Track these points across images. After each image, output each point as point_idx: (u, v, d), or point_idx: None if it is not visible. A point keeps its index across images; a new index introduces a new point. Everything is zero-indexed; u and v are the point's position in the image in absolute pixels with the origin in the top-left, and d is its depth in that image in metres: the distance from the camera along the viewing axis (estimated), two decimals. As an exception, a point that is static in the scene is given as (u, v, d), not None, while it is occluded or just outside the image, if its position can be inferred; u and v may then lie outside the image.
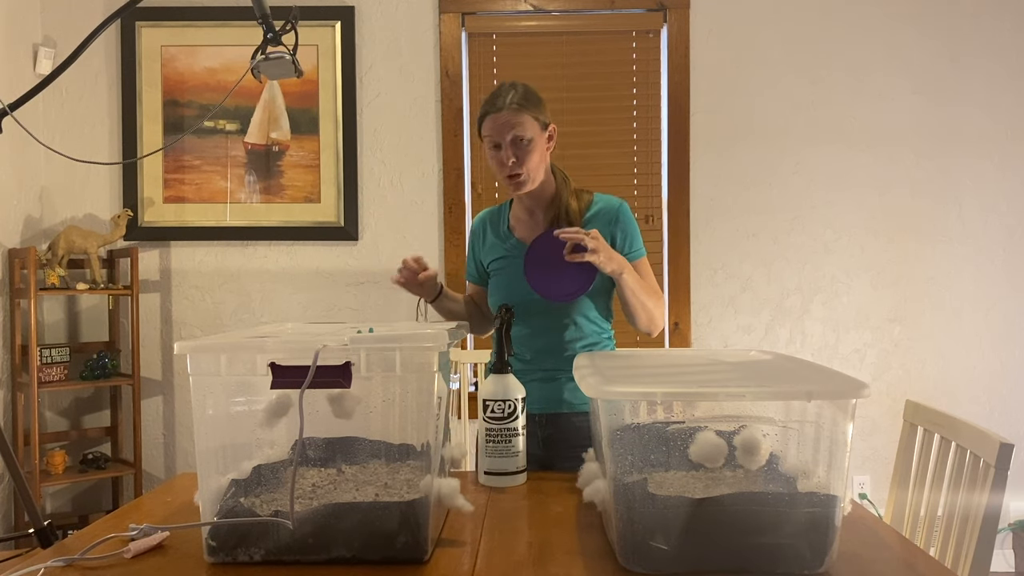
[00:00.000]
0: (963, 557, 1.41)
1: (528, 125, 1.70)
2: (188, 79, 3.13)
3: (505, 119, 1.68)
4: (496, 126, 1.69)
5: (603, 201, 1.82)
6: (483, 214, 1.94)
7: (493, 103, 1.71)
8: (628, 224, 1.80)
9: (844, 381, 1.04)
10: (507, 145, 1.69)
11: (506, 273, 1.81)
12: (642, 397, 1.05)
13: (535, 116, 1.71)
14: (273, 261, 3.15)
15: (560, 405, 1.76)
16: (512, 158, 1.69)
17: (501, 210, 1.90)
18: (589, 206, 1.81)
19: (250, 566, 1.07)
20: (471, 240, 1.94)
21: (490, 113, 1.71)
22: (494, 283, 1.84)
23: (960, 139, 3.12)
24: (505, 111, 1.69)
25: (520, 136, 1.69)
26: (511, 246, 1.82)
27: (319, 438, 1.22)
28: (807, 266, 3.14)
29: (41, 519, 1.22)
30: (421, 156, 3.15)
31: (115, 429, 3.12)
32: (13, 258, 2.85)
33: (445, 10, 3.12)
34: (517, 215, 1.86)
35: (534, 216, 1.83)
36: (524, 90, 1.72)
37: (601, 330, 1.81)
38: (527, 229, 1.82)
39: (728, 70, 3.14)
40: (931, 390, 3.11)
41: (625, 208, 1.81)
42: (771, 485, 1.11)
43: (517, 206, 1.86)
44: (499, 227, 1.87)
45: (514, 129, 1.68)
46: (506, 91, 1.71)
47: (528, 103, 1.71)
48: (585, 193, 1.82)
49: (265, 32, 1.46)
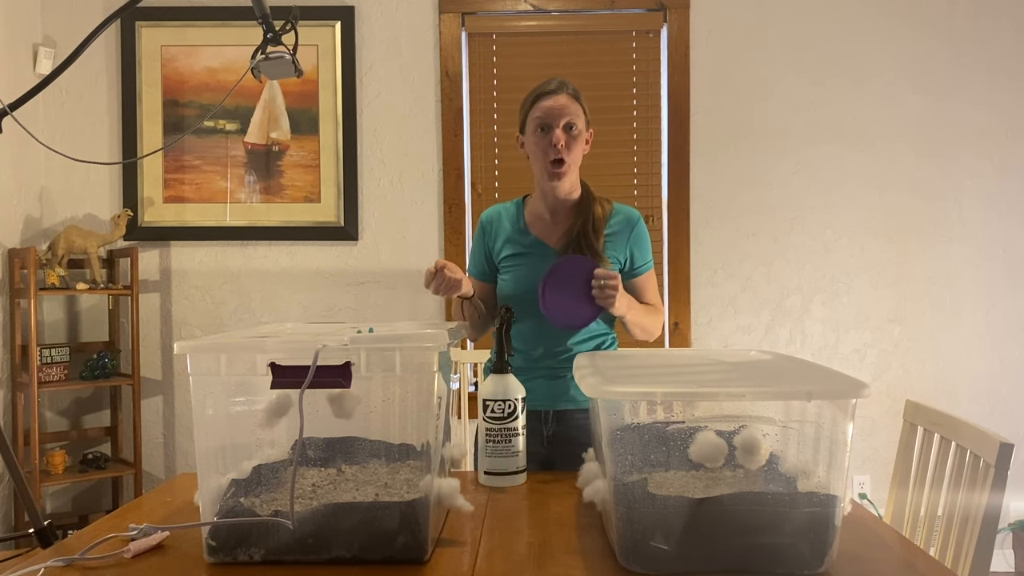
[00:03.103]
0: (963, 557, 1.41)
1: (581, 116, 1.73)
2: (188, 79, 3.13)
3: (563, 103, 1.70)
4: (551, 108, 1.70)
5: (623, 213, 1.84)
6: (497, 208, 1.91)
7: (547, 86, 1.73)
8: (644, 239, 1.83)
9: (844, 381, 1.04)
10: (559, 128, 1.69)
11: (522, 269, 1.79)
12: (642, 397, 1.05)
13: (585, 112, 1.75)
14: (273, 261, 3.15)
15: (566, 402, 1.77)
16: (563, 141, 1.69)
17: (516, 206, 1.88)
18: (611, 215, 1.82)
19: (250, 566, 1.07)
20: (481, 233, 1.89)
21: (547, 94, 1.72)
22: (509, 277, 1.82)
23: (960, 139, 3.12)
24: (563, 95, 1.71)
25: (572, 123, 1.70)
26: (530, 243, 1.81)
27: (319, 438, 1.22)
28: (807, 266, 3.14)
29: (41, 519, 1.22)
30: (421, 156, 3.15)
31: (115, 429, 3.12)
32: (13, 258, 2.85)
33: (445, 10, 3.12)
34: (536, 213, 1.84)
35: (556, 217, 1.81)
36: (575, 86, 1.76)
37: (607, 329, 1.84)
38: (546, 229, 1.81)
39: (728, 70, 3.14)
40: (931, 390, 3.11)
41: (642, 223, 1.84)
42: (771, 485, 1.11)
43: (536, 204, 1.84)
44: (516, 222, 1.84)
45: (569, 115, 1.70)
46: (559, 81, 1.74)
47: (580, 97, 1.75)
48: (606, 202, 1.83)
49: (265, 32, 1.46)
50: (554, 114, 1.69)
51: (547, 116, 1.70)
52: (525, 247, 1.81)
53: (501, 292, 1.83)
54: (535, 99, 1.73)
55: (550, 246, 1.79)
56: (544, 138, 1.71)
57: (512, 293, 1.79)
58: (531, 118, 1.73)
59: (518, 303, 1.74)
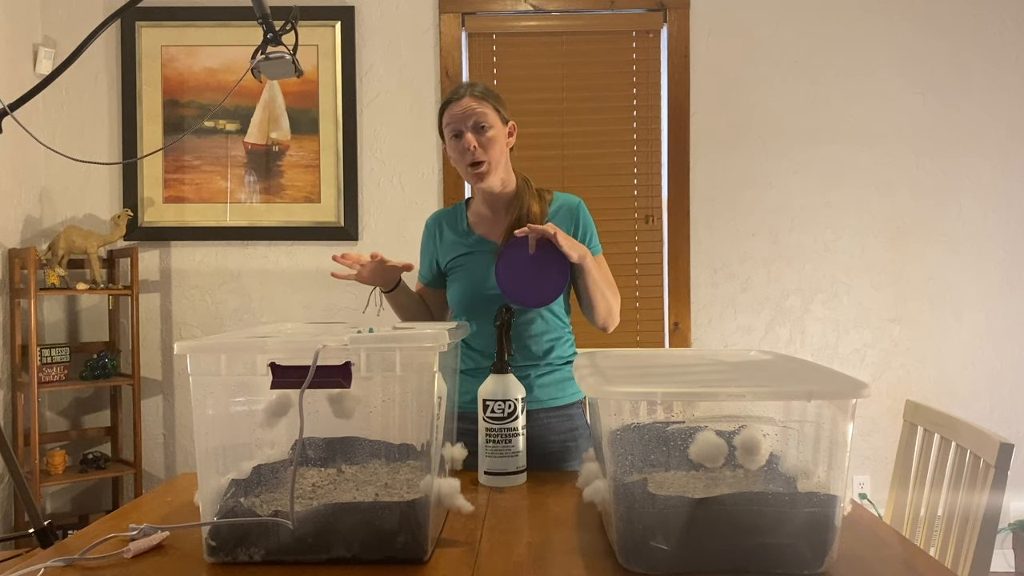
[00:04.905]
0: (963, 557, 1.41)
1: (490, 115, 1.72)
2: (188, 79, 3.13)
3: (467, 105, 1.71)
4: (458, 113, 1.71)
5: (562, 199, 1.84)
6: (437, 214, 1.92)
7: (455, 93, 1.75)
8: (587, 220, 1.83)
9: (844, 381, 1.04)
10: (469, 131, 1.71)
11: (469, 269, 1.79)
12: (642, 397, 1.05)
13: (496, 108, 1.74)
14: (273, 261, 3.15)
15: (531, 402, 1.73)
16: (474, 144, 1.70)
17: (457, 209, 1.88)
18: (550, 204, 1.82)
19: (250, 566, 1.07)
20: (425, 240, 1.90)
21: (452, 101, 1.73)
22: (457, 279, 1.81)
23: (960, 139, 3.12)
24: (467, 98, 1.72)
25: (482, 123, 1.71)
26: (473, 242, 1.80)
27: (319, 438, 1.22)
28: (807, 266, 3.14)
29: (41, 519, 1.22)
30: (421, 156, 3.15)
31: (115, 429, 3.12)
32: (13, 258, 2.85)
33: (445, 10, 3.12)
34: (477, 212, 1.84)
35: (496, 214, 1.81)
36: (484, 85, 1.77)
37: (564, 324, 1.82)
38: (488, 227, 1.81)
39: (728, 70, 3.14)
40: (931, 390, 3.11)
41: (583, 205, 1.84)
42: (771, 485, 1.11)
43: (477, 204, 1.84)
44: (457, 225, 1.85)
45: (475, 116, 1.71)
46: (466, 85, 1.76)
47: (489, 95, 1.75)
48: (546, 192, 1.83)
49: (265, 32, 1.46)
50: (462, 119, 1.71)
51: (455, 121, 1.72)
52: (469, 247, 1.80)
53: (452, 297, 1.83)
54: (443, 107, 1.75)
55: (493, 242, 1.78)
56: (458, 144, 1.72)
57: (463, 293, 1.78)
58: (444, 127, 1.75)
59: (470, 304, 1.76)
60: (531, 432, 1.69)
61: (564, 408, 1.79)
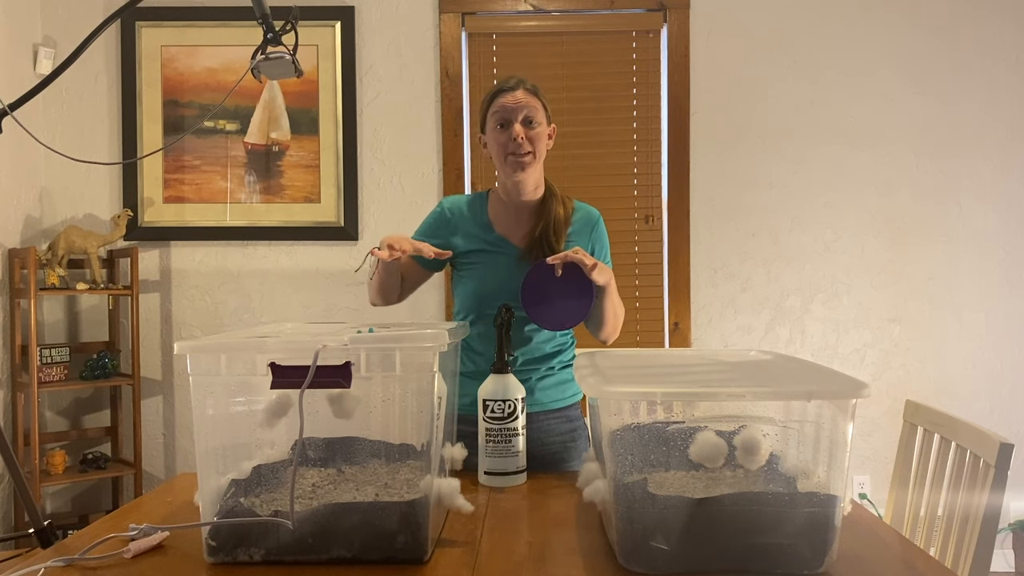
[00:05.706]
0: (963, 557, 1.41)
1: (539, 111, 1.72)
2: (188, 79, 3.13)
3: (520, 98, 1.70)
4: (509, 104, 1.69)
5: (583, 210, 1.83)
6: (459, 198, 1.86)
7: (506, 83, 1.72)
8: (604, 236, 1.83)
9: (844, 381, 1.04)
10: (518, 123, 1.69)
11: (485, 267, 1.76)
12: (642, 397, 1.05)
13: (544, 106, 1.74)
14: (273, 261, 3.15)
15: (531, 405, 1.73)
16: (523, 135, 1.69)
17: (479, 199, 1.84)
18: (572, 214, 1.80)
19: (250, 566, 1.07)
20: (438, 218, 1.82)
21: (504, 91, 1.71)
22: (470, 276, 1.78)
23: (960, 139, 3.12)
24: (520, 91, 1.71)
25: (531, 118, 1.70)
26: (493, 240, 1.77)
27: (319, 438, 1.22)
28: (807, 266, 3.14)
29: (41, 519, 1.22)
30: (421, 156, 3.15)
31: (115, 429, 3.12)
32: (13, 258, 2.85)
33: (445, 10, 3.12)
34: (498, 211, 1.80)
35: (520, 216, 1.78)
36: (535, 85, 1.76)
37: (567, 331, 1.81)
38: (508, 227, 1.78)
39: (728, 70, 3.14)
40: (931, 390, 3.11)
41: (602, 222, 1.84)
42: (771, 485, 1.11)
43: (498, 202, 1.81)
44: (478, 216, 1.80)
45: (527, 110, 1.69)
46: (517, 78, 1.74)
47: (539, 93, 1.74)
48: (568, 200, 1.81)
49: (265, 32, 1.46)
50: (513, 110, 1.69)
51: (504, 111, 1.70)
52: (488, 244, 1.77)
53: (462, 292, 1.79)
54: (493, 96, 1.73)
55: (514, 244, 1.76)
56: (504, 134, 1.70)
57: (473, 291, 1.76)
58: (490, 115, 1.72)
59: (480, 302, 1.74)
60: (531, 434, 1.69)
61: (564, 410, 1.80)
